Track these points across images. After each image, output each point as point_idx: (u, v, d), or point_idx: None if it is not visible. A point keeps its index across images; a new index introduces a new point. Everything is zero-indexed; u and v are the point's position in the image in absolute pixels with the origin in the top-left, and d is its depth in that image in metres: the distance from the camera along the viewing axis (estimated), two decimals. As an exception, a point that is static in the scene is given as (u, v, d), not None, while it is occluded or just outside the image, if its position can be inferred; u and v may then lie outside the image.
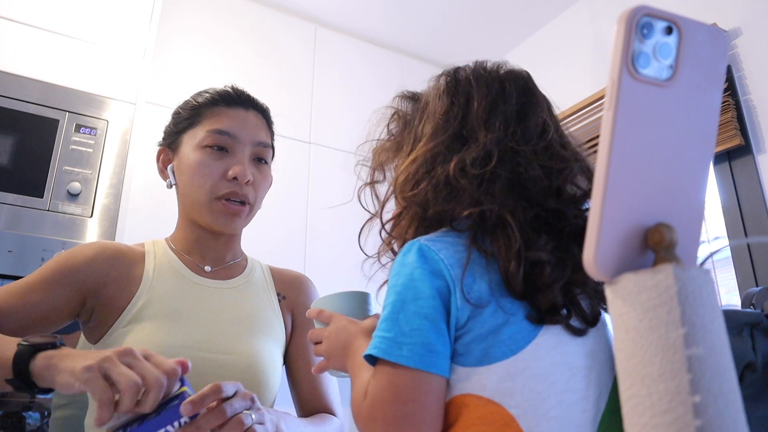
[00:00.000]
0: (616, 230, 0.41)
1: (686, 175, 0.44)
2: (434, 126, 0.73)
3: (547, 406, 0.59)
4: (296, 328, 1.07)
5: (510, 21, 2.74)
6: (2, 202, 1.63)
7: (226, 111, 1.03)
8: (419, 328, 0.60)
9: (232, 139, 1.00)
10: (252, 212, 1.04)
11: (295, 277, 1.13)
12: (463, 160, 0.67)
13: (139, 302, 0.92)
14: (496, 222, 0.64)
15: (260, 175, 1.04)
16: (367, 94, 2.71)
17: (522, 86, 0.76)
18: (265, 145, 1.06)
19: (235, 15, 2.50)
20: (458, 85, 0.76)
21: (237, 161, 0.99)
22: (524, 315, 0.62)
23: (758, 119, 1.91)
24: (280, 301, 1.07)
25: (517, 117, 0.72)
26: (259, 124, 1.07)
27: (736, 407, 0.37)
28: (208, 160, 0.98)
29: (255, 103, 1.08)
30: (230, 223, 0.99)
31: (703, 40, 0.43)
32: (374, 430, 0.61)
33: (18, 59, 1.75)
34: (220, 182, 0.98)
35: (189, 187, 0.99)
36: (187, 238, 1.03)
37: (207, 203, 0.98)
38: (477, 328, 0.61)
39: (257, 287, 1.06)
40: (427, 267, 0.63)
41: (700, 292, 0.38)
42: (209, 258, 1.04)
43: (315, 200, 2.44)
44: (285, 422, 0.83)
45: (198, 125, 1.02)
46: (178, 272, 0.99)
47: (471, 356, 0.61)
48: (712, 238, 2.02)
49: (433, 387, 0.60)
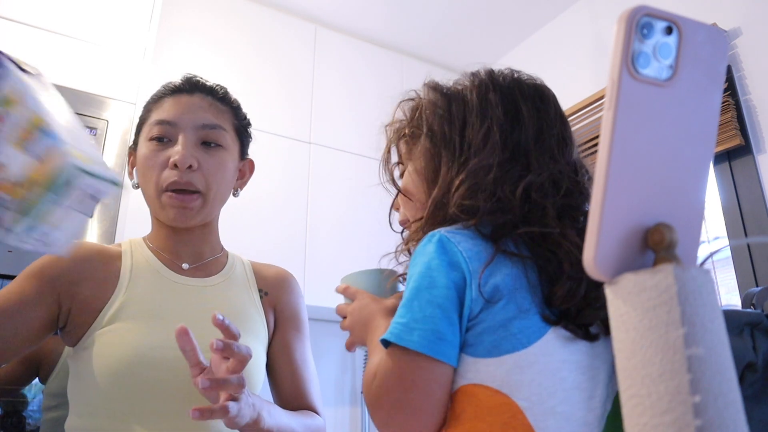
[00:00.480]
0: (616, 230, 0.41)
1: (686, 175, 0.44)
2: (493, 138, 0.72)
3: (554, 401, 0.60)
4: (279, 325, 1.04)
5: (510, 21, 2.74)
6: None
7: (170, 100, 0.98)
8: (431, 315, 0.62)
9: (172, 126, 0.95)
10: (208, 201, 0.96)
11: (278, 274, 1.09)
12: (530, 184, 0.68)
13: (116, 302, 0.90)
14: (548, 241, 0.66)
15: (210, 160, 0.96)
16: (367, 94, 2.71)
17: (558, 110, 0.77)
18: (213, 127, 0.97)
19: (235, 15, 2.50)
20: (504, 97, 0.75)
21: (177, 147, 0.94)
22: (538, 312, 0.63)
23: (758, 119, 1.91)
24: (262, 297, 1.04)
25: (558, 143, 0.74)
26: (204, 105, 0.99)
27: (736, 407, 0.37)
28: (153, 153, 0.95)
29: (202, 86, 1.02)
30: (181, 216, 0.94)
31: (703, 40, 0.43)
32: (380, 411, 0.64)
33: (18, 59, 1.75)
34: (163, 173, 0.93)
35: (143, 184, 0.97)
36: (159, 235, 1.00)
37: (156, 197, 0.95)
38: (489, 319, 0.62)
39: (238, 284, 1.02)
40: (445, 258, 0.64)
41: (700, 292, 0.38)
42: (185, 255, 1.00)
43: (315, 200, 2.44)
44: (268, 410, 0.82)
45: (147, 120, 0.99)
46: (156, 271, 0.96)
47: (481, 347, 0.62)
48: (712, 238, 2.02)
49: (437, 374, 0.62)
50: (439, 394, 0.62)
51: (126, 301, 0.90)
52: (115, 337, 0.86)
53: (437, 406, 0.62)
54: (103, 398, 0.84)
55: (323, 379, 2.48)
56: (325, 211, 2.43)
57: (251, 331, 0.97)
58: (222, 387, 0.72)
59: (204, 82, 1.03)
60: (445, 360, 0.62)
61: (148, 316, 0.90)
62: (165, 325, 0.89)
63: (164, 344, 0.87)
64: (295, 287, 1.09)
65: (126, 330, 0.87)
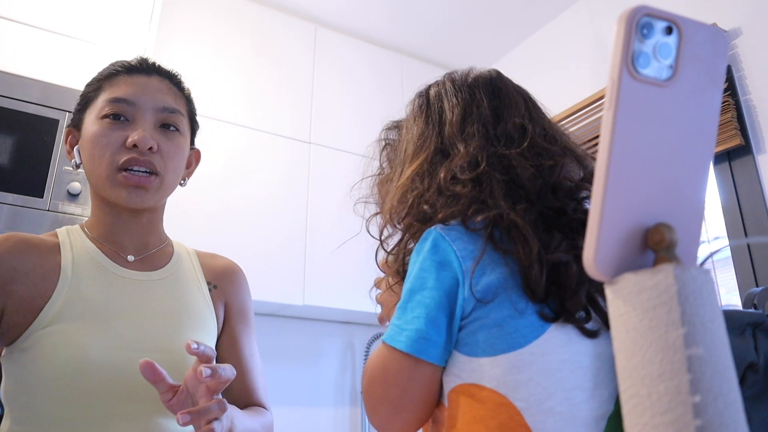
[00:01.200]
0: (616, 230, 0.41)
1: (686, 175, 0.44)
2: (414, 149, 0.75)
3: (553, 401, 0.59)
4: (228, 319, 1.01)
5: (510, 21, 2.74)
6: (2, 202, 1.63)
7: (125, 79, 0.95)
8: (418, 316, 0.63)
9: (131, 105, 0.92)
10: (164, 184, 0.93)
11: (226, 266, 1.06)
12: (451, 169, 0.69)
13: (58, 300, 0.84)
14: (509, 225, 0.65)
15: (169, 143, 0.93)
16: (367, 94, 2.71)
17: (492, 88, 0.77)
18: (172, 111, 0.95)
19: (235, 15, 2.50)
20: (429, 103, 0.79)
21: (136, 128, 0.91)
22: (535, 311, 0.62)
23: (758, 119, 1.91)
24: (211, 290, 1.00)
25: (493, 120, 0.74)
26: (164, 89, 0.96)
27: (736, 407, 0.37)
28: (107, 131, 0.90)
29: (159, 69, 0.99)
30: (135, 197, 0.90)
31: (703, 40, 0.43)
32: (368, 402, 0.68)
33: (18, 59, 1.75)
34: (119, 152, 0.89)
35: (91, 163, 0.92)
36: (102, 222, 0.94)
37: (109, 176, 0.89)
38: (482, 319, 0.62)
39: (186, 277, 0.98)
40: (436, 258, 0.65)
41: (700, 292, 0.38)
42: (130, 245, 0.95)
43: (315, 200, 2.44)
44: (238, 417, 0.81)
45: (98, 98, 0.94)
46: (99, 264, 0.90)
47: (475, 346, 0.62)
48: (712, 238, 2.02)
49: (417, 373, 0.63)
50: (419, 393, 0.64)
51: (69, 299, 0.84)
52: (59, 338, 0.81)
53: (417, 403, 0.65)
54: (47, 403, 0.79)
55: (323, 379, 2.48)
56: (325, 211, 2.43)
57: (202, 327, 0.94)
58: (203, 417, 0.70)
59: (160, 66, 1.00)
60: (429, 359, 0.63)
61: (95, 314, 0.85)
62: (114, 324, 0.85)
63: (116, 345, 0.83)
64: (243, 280, 1.06)
65: (73, 330, 0.82)
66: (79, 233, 0.94)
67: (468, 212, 0.66)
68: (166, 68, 1.00)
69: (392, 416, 0.66)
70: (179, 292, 0.95)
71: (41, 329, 0.82)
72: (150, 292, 0.92)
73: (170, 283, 0.95)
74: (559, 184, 0.69)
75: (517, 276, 0.63)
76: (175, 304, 0.93)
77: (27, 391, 0.81)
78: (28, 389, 0.81)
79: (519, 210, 0.65)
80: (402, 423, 0.66)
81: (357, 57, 2.79)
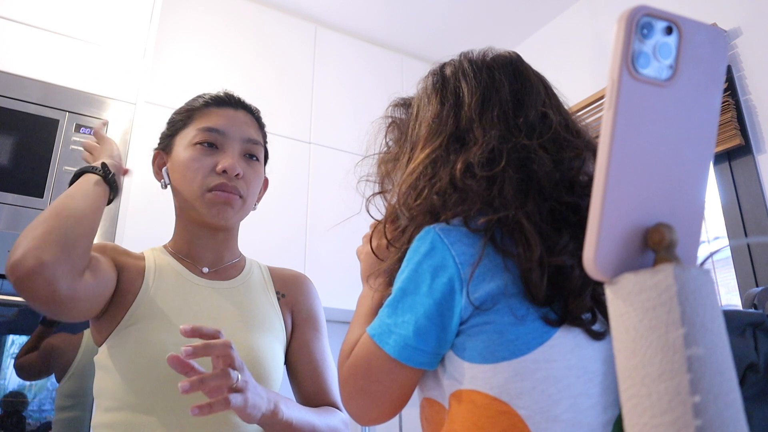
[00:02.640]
0: (616, 230, 0.41)
1: (686, 175, 0.44)
2: (428, 130, 0.71)
3: (559, 409, 0.58)
4: (297, 326, 1.08)
5: (510, 21, 2.74)
6: (2, 202, 1.63)
7: (216, 110, 1.07)
8: (407, 322, 0.63)
9: (222, 135, 1.03)
10: (245, 206, 1.05)
11: (294, 276, 1.15)
12: (468, 161, 0.65)
13: (144, 299, 0.95)
14: (513, 226, 0.62)
15: (251, 171, 1.05)
16: (367, 94, 2.71)
17: (513, 71, 0.72)
18: (255, 142, 1.08)
19: (235, 15, 2.50)
20: (446, 83, 0.74)
21: (226, 156, 1.02)
22: (538, 316, 0.60)
23: (758, 119, 1.90)
24: (280, 299, 1.09)
25: (514, 106, 0.69)
26: (248, 122, 1.09)
27: (736, 407, 0.37)
28: (199, 156, 1.01)
29: (245, 105, 1.12)
30: (223, 213, 1.01)
31: (703, 40, 0.43)
32: (344, 390, 0.69)
33: (18, 59, 1.75)
34: (210, 176, 1.00)
35: (181, 184, 1.02)
36: (183, 239, 1.06)
37: (199, 196, 1.00)
38: (481, 325, 0.61)
39: (256, 286, 1.08)
40: (431, 262, 0.63)
41: (700, 292, 0.38)
42: (207, 259, 1.06)
43: (315, 200, 2.44)
44: (285, 404, 0.86)
45: (189, 126, 1.05)
46: (177, 273, 1.01)
47: (475, 352, 0.61)
48: (712, 238, 2.02)
49: (401, 376, 0.64)
50: (400, 391, 0.65)
51: (152, 299, 0.95)
52: (141, 335, 0.91)
53: (394, 401, 0.66)
54: (129, 393, 0.89)
55: (323, 379, 2.48)
56: (325, 211, 2.43)
57: (270, 330, 1.01)
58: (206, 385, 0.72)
59: (245, 101, 1.13)
60: (414, 365, 0.63)
61: (170, 314, 0.95)
62: (185, 322, 0.92)
63: (186, 342, 0.89)
64: (311, 289, 1.15)
65: (152, 328, 0.92)
66: (161, 250, 1.06)
67: (471, 212, 0.64)
68: (249, 104, 1.14)
69: (370, 408, 0.67)
70: (248, 299, 1.04)
71: (126, 328, 0.92)
72: (220, 298, 1.02)
73: (240, 291, 1.05)
74: (577, 179, 0.65)
75: (518, 281, 0.61)
76: (244, 309, 1.02)
77: (113, 383, 0.91)
78: (114, 381, 0.91)
79: (529, 207, 0.62)
80: (378, 414, 0.68)
81: (357, 57, 2.79)
